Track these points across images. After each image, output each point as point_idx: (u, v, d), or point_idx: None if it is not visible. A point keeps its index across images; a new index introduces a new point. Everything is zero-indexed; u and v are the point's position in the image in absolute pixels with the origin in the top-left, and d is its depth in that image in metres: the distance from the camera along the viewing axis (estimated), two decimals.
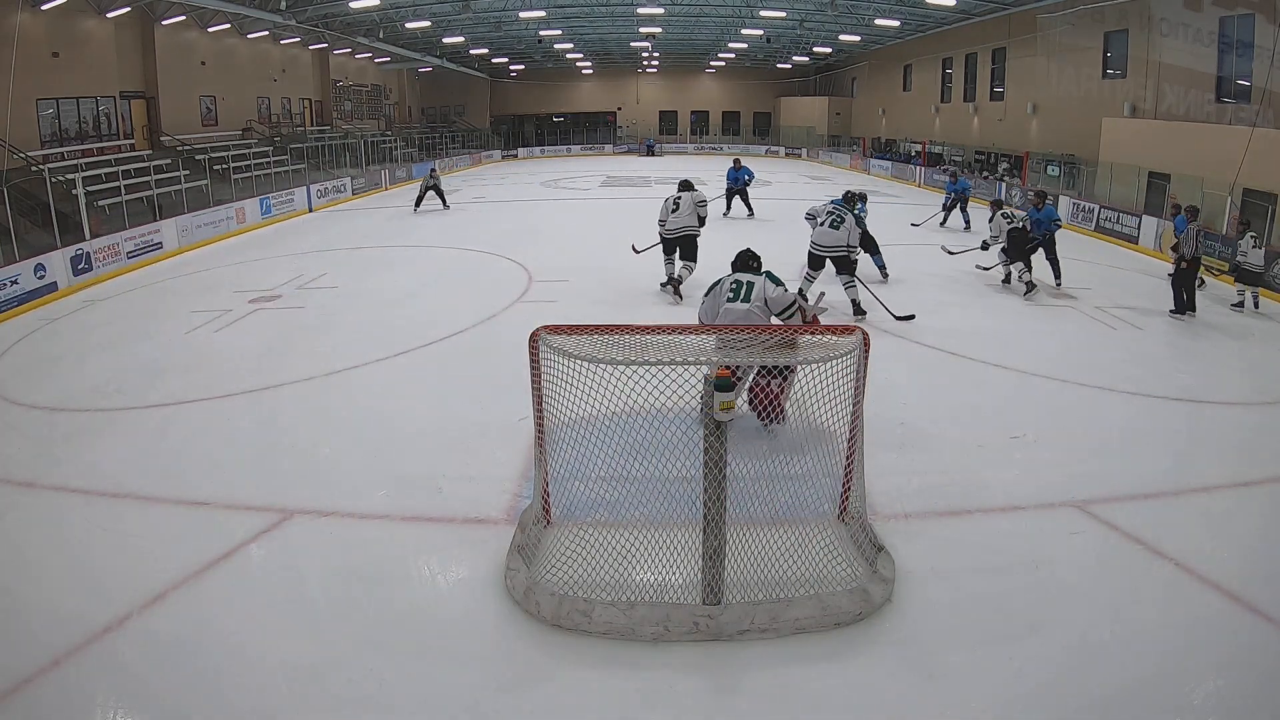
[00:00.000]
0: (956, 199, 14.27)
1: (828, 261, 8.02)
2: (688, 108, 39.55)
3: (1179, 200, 10.78)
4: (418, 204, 16.97)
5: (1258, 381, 6.36)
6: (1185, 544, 3.86)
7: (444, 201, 17.22)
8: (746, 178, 15.05)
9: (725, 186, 15.36)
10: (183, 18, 17.40)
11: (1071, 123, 17.49)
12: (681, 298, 8.38)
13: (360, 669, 3.05)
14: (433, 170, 18.07)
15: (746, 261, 5.30)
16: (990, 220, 9.49)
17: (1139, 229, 13.06)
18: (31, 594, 3.55)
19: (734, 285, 5.07)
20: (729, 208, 15.16)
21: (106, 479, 4.65)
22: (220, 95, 19.90)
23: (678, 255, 8.65)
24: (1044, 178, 18.20)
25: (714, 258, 7.75)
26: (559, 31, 27.40)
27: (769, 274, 5.16)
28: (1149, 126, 14.76)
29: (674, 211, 8.55)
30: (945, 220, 14.43)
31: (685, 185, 9.04)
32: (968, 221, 14.11)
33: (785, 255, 8.74)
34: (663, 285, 8.83)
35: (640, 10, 23.20)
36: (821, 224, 8.01)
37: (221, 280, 10.39)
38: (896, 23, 22.40)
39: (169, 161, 16.08)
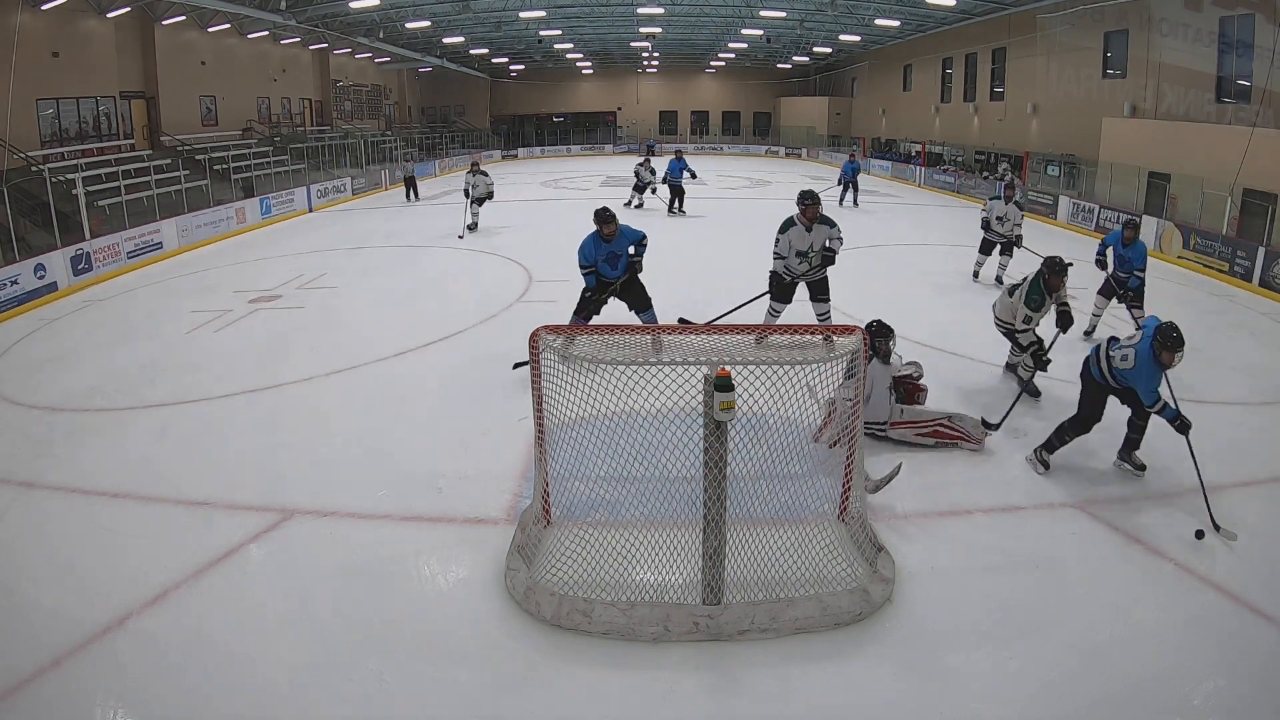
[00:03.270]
0: (850, 178, 17.11)
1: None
2: (688, 108, 39.54)
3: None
4: (407, 195, 18.92)
5: (1257, 381, 6.36)
6: (1185, 544, 3.87)
7: (416, 194, 18.96)
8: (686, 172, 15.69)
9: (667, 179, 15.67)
10: (183, 18, 17.40)
11: (1071, 123, 17.49)
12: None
13: (360, 669, 3.05)
14: (407, 164, 20.43)
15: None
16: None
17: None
18: (32, 594, 3.56)
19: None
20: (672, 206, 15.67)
21: (106, 479, 4.65)
22: (220, 95, 19.90)
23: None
24: (1044, 178, 18.20)
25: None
26: (559, 31, 27.39)
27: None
28: (1149, 126, 14.76)
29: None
30: (843, 199, 16.97)
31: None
32: (855, 200, 17.14)
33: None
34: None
35: (640, 10, 23.19)
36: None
37: (221, 280, 10.39)
38: (896, 23, 22.38)
39: (169, 161, 16.09)
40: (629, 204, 15.91)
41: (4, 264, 9.33)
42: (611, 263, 6.22)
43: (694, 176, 16.14)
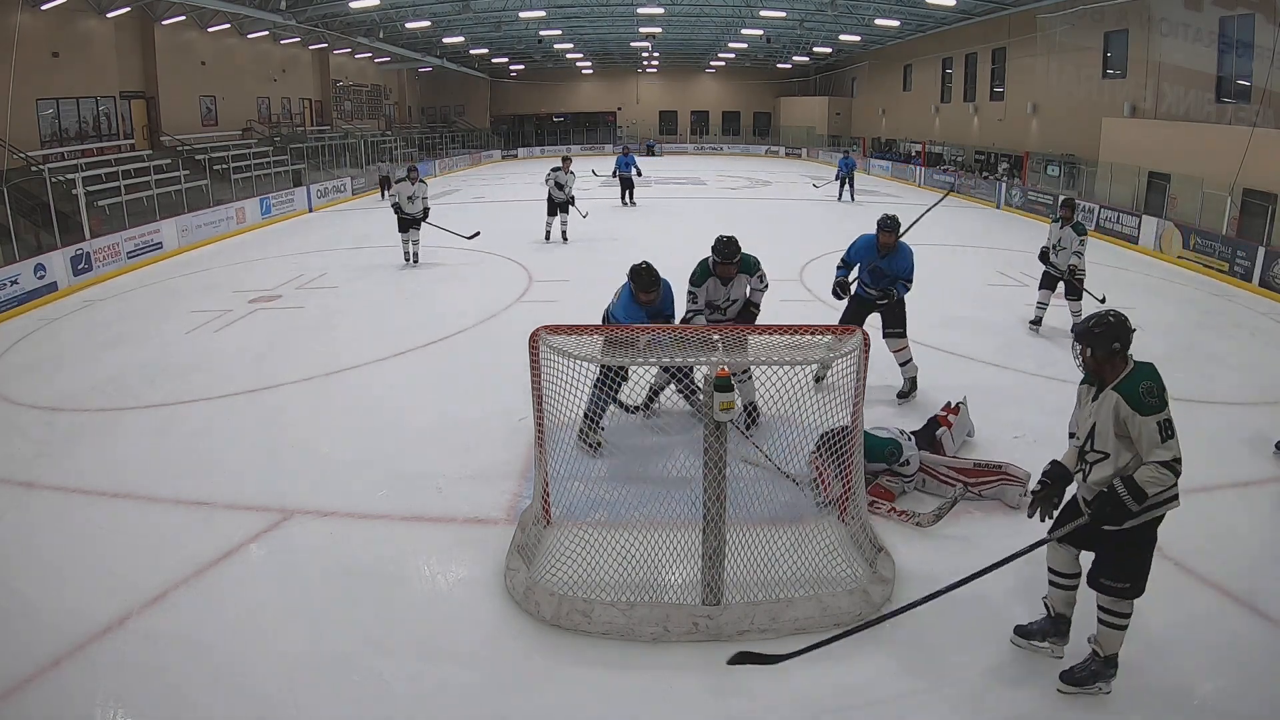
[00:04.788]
0: (846, 174, 18.26)
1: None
2: (688, 108, 39.56)
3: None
4: (382, 193, 19.54)
5: (1258, 381, 6.36)
6: (1185, 544, 3.86)
7: (386, 194, 19.29)
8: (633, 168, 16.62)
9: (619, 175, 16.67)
10: (183, 18, 17.41)
11: (1071, 123, 17.49)
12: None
13: (360, 669, 3.05)
14: (382, 164, 22.06)
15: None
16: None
17: (1139, 229, 13.06)
18: (32, 594, 3.55)
19: None
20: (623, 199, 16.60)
21: (106, 479, 4.65)
22: (220, 95, 19.91)
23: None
24: (1044, 177, 18.21)
25: None
26: (559, 31, 27.40)
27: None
28: (1149, 126, 14.77)
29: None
30: (841, 195, 18.14)
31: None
32: (852, 195, 18.12)
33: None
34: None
35: (640, 10, 23.21)
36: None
37: (221, 280, 10.39)
38: (896, 23, 22.39)
39: (169, 161, 16.09)
40: (549, 236, 12.53)
41: (4, 264, 9.33)
42: None
43: (639, 174, 16.82)
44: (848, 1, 21.35)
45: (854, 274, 5.77)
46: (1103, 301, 7.17)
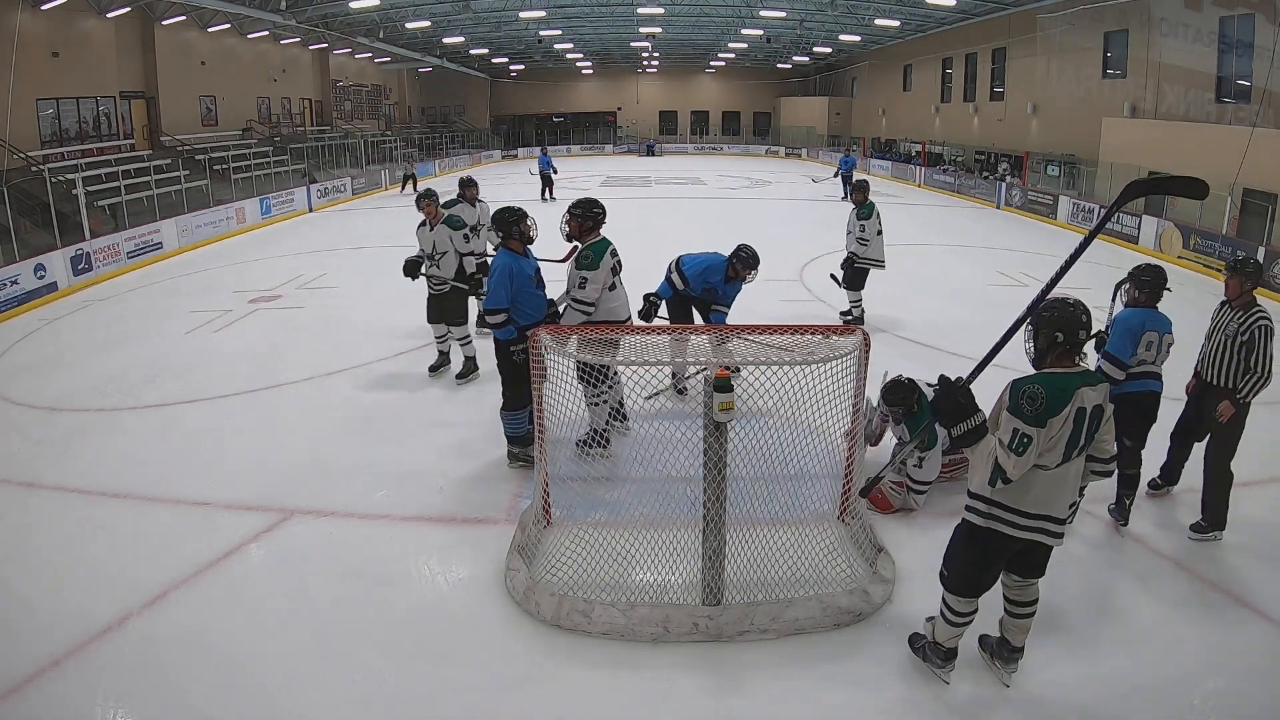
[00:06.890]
0: (846, 173, 18.61)
1: None
2: (688, 108, 39.59)
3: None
4: (402, 188, 20.70)
5: None
6: (1185, 544, 3.86)
7: (411, 186, 20.23)
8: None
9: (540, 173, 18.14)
10: (183, 18, 17.42)
11: (1071, 123, 17.50)
12: None
13: (360, 669, 3.05)
14: (408, 162, 23.32)
15: None
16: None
17: (1139, 229, 13.06)
18: (32, 594, 3.55)
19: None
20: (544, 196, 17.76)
21: (106, 479, 4.65)
22: (220, 95, 19.93)
23: None
24: (1044, 178, 18.22)
25: None
26: (559, 31, 27.41)
27: None
28: (1149, 126, 14.78)
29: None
30: (845, 194, 17.86)
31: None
32: (849, 194, 17.94)
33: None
34: None
35: (640, 10, 23.21)
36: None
37: (221, 280, 10.39)
38: (896, 23, 22.40)
39: (169, 161, 16.10)
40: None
41: (4, 264, 9.34)
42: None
43: (556, 171, 18.41)
44: (848, 1, 21.36)
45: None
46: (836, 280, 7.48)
